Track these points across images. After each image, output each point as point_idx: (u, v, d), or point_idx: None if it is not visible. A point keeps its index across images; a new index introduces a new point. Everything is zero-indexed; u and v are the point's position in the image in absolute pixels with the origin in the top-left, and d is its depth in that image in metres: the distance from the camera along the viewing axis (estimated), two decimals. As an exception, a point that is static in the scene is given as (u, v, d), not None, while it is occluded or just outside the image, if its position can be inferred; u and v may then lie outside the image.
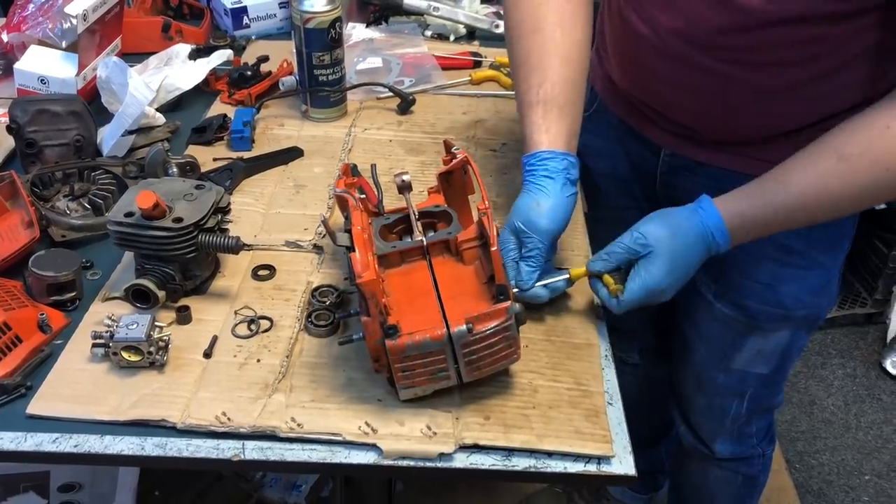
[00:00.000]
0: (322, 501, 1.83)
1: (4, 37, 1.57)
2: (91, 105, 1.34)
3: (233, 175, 1.31)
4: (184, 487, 1.76)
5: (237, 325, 1.05)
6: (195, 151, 1.36)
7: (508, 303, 0.89)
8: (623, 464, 0.91)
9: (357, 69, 1.62)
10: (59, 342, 1.03)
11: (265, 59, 1.60)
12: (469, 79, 1.63)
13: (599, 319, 1.10)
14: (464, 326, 0.87)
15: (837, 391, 2.51)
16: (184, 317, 1.05)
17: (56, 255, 1.08)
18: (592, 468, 0.91)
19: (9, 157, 1.36)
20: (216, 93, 1.56)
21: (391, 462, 0.90)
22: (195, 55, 1.56)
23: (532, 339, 1.05)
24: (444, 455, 0.90)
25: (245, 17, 1.77)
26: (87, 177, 1.26)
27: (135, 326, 0.97)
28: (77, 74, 1.46)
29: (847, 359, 2.62)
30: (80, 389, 0.96)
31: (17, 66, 1.47)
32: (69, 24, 1.44)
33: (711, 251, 1.03)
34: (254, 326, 1.05)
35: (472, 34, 1.82)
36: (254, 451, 0.91)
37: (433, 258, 1.00)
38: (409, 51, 1.69)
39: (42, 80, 1.46)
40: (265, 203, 1.28)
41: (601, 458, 0.91)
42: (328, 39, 1.42)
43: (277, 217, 1.26)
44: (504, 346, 0.91)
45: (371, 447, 0.91)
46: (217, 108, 1.52)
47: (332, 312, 1.06)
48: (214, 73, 1.55)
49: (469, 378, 0.93)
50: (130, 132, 1.34)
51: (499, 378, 0.98)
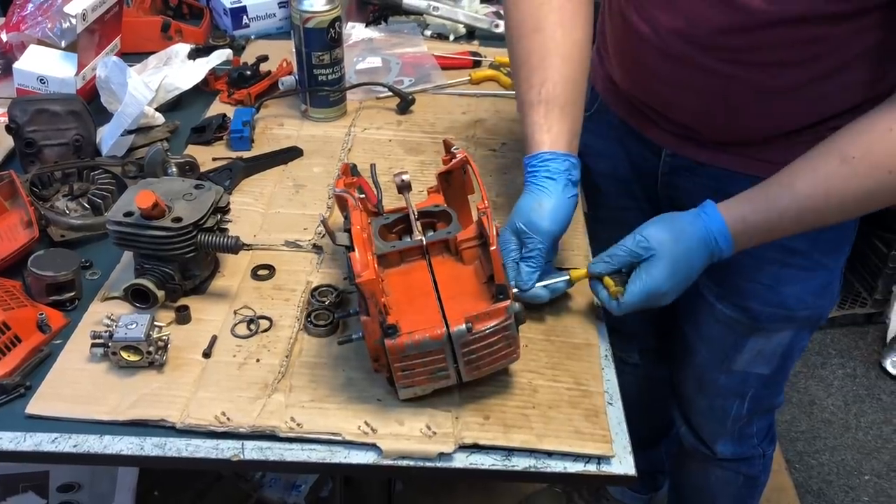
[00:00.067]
0: (321, 501, 1.83)
1: (4, 36, 1.56)
2: (90, 105, 1.34)
3: (232, 175, 1.31)
4: (183, 487, 1.76)
5: (236, 325, 1.05)
6: (194, 151, 1.36)
7: (508, 302, 0.89)
8: (623, 464, 0.91)
9: (356, 69, 1.62)
10: (59, 342, 1.02)
11: (264, 59, 1.60)
12: (469, 78, 1.63)
13: (599, 320, 1.09)
14: (463, 326, 0.87)
15: (837, 391, 2.51)
16: (183, 316, 1.05)
17: (55, 255, 1.08)
18: (592, 468, 0.91)
19: (8, 157, 1.36)
20: (215, 92, 1.56)
21: (391, 462, 0.90)
22: (194, 55, 1.56)
23: (532, 339, 1.05)
24: (444, 455, 0.90)
25: (244, 17, 1.76)
26: (87, 176, 1.26)
27: (134, 326, 0.96)
28: (76, 74, 1.46)
29: (847, 359, 2.62)
30: (80, 389, 0.96)
31: (17, 66, 1.47)
32: (68, 24, 1.44)
33: (714, 256, 1.03)
34: (253, 326, 1.05)
35: (472, 34, 1.82)
36: (253, 451, 0.91)
37: (433, 258, 1.00)
38: (409, 50, 1.69)
39: (41, 80, 1.46)
40: (264, 203, 1.28)
41: (601, 458, 0.91)
42: (328, 39, 1.42)
43: (277, 217, 1.25)
44: (503, 346, 0.91)
45: (370, 447, 0.91)
46: (216, 108, 1.51)
47: (332, 312, 1.06)
48: (214, 73, 1.55)
49: (469, 378, 0.92)
50: (130, 132, 1.34)
51: (498, 378, 0.98)
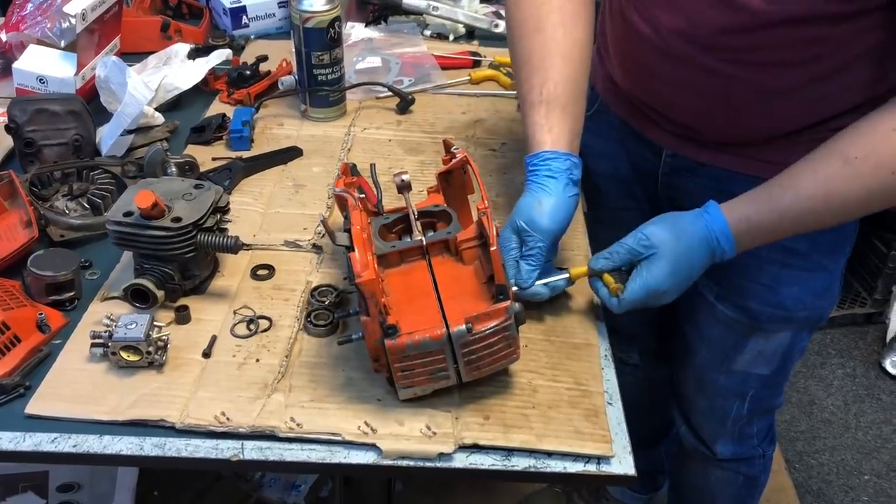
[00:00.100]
0: (321, 501, 1.83)
1: (3, 36, 1.56)
2: (90, 104, 1.34)
3: (232, 175, 1.31)
4: (183, 487, 1.76)
5: (236, 325, 1.05)
6: (194, 151, 1.36)
7: (508, 302, 0.89)
8: (623, 464, 0.91)
9: (356, 69, 1.62)
10: (58, 342, 1.02)
11: (264, 59, 1.60)
12: (468, 78, 1.63)
13: (599, 320, 1.09)
14: (463, 326, 0.87)
15: (837, 391, 2.51)
16: (183, 316, 1.05)
17: (55, 255, 1.08)
18: (592, 468, 0.91)
19: (7, 157, 1.36)
20: (215, 92, 1.56)
21: (390, 462, 0.90)
22: (194, 55, 1.55)
23: (531, 339, 1.05)
24: (444, 455, 0.90)
25: (244, 17, 1.76)
26: (86, 176, 1.26)
27: (133, 326, 0.96)
28: (76, 74, 1.46)
29: (847, 359, 2.62)
30: (79, 389, 0.96)
31: (16, 66, 1.47)
32: (68, 24, 1.44)
33: (716, 256, 1.03)
34: (253, 326, 1.05)
35: (472, 34, 1.81)
36: (253, 451, 0.91)
37: (432, 258, 1.00)
38: (409, 50, 1.69)
39: (41, 80, 1.46)
40: (264, 203, 1.28)
41: (601, 458, 0.91)
42: (327, 39, 1.42)
43: (276, 217, 1.25)
44: (503, 346, 0.91)
45: (370, 447, 0.91)
46: (216, 108, 1.51)
47: (332, 312, 1.06)
48: (213, 73, 1.55)
49: (468, 378, 0.92)
50: (129, 132, 1.33)
51: (498, 378, 0.98)
